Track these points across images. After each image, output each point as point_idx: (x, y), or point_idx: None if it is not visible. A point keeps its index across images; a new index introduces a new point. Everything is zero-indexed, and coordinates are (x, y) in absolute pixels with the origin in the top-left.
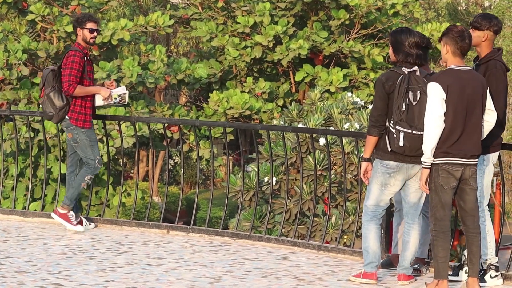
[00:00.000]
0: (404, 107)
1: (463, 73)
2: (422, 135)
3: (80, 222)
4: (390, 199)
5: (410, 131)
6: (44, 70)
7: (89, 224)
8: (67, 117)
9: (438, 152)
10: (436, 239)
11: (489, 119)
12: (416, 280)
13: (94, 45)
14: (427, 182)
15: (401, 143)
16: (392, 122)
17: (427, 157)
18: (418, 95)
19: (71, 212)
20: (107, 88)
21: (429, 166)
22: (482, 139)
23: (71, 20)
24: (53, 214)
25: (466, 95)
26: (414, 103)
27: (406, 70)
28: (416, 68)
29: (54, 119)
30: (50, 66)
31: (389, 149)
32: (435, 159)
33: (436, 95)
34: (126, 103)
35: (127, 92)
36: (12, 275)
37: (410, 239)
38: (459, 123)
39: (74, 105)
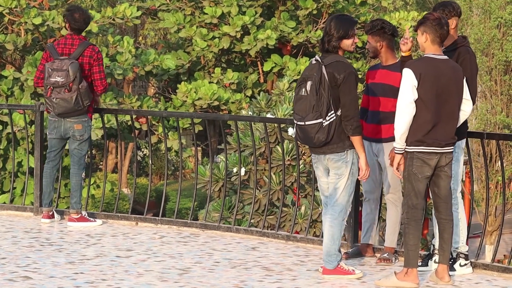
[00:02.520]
0: (294, 98)
1: (439, 62)
2: (306, 125)
3: (53, 216)
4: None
5: (296, 121)
6: (69, 63)
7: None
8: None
9: (413, 140)
10: (407, 227)
11: (465, 108)
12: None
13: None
14: (398, 168)
15: (295, 135)
16: None
17: (397, 143)
18: (310, 85)
19: (83, 212)
20: None
21: (401, 152)
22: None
23: (63, 13)
24: (70, 223)
25: (440, 84)
26: (309, 92)
27: (313, 60)
28: (318, 58)
29: (75, 113)
30: (69, 59)
31: None
32: (410, 147)
33: (407, 81)
34: None
35: None
36: None
37: (324, 230)
38: (433, 112)
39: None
